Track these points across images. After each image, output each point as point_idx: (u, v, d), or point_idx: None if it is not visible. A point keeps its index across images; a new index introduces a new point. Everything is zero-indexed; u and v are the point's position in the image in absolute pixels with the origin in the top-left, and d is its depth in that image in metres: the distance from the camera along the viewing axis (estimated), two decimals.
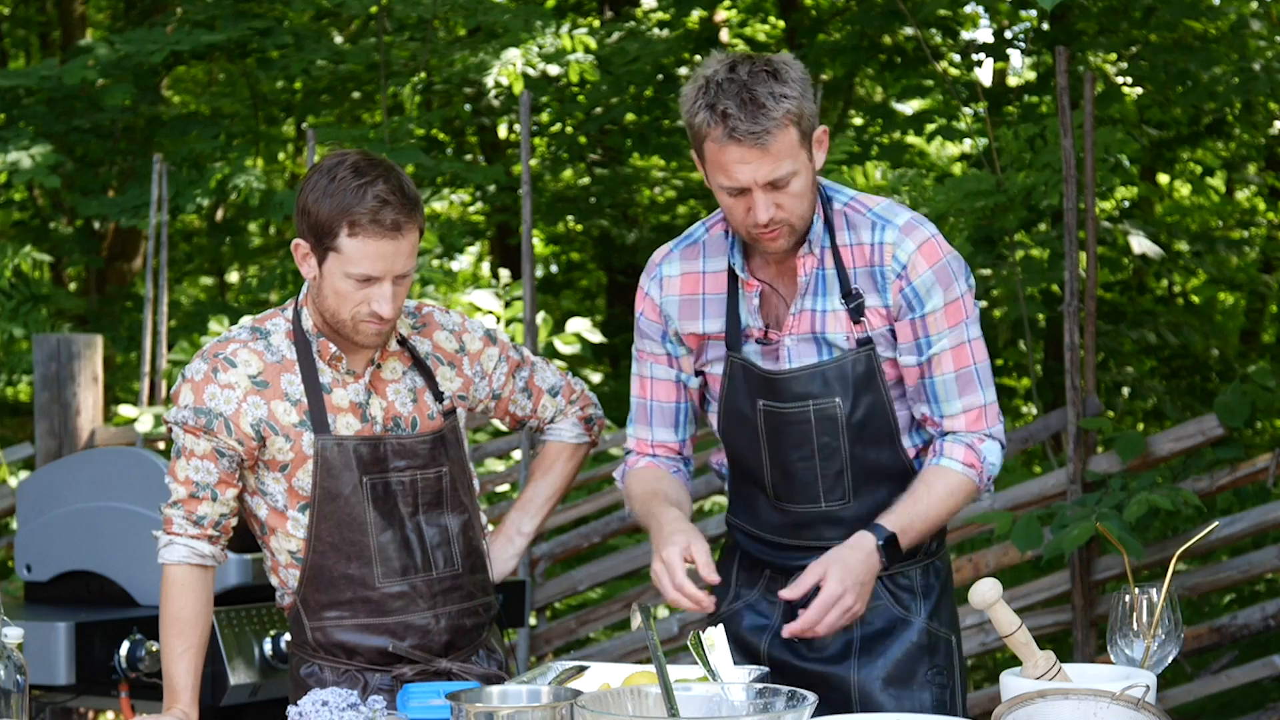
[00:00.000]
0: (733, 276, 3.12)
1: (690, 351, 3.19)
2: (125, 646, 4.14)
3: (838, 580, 2.95)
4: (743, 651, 3.17)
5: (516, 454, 6.97)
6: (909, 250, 3.03)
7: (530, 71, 9.01)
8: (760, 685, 2.55)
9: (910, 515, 3.04)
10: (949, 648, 3.20)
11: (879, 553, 3.00)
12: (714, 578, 3.00)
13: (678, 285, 3.17)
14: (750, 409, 3.11)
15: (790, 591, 2.99)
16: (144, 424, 6.90)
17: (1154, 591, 2.62)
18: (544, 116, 10.06)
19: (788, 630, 2.99)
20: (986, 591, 2.63)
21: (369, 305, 3.08)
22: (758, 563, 3.22)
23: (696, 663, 2.72)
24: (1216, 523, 2.96)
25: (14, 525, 7.10)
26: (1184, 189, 11.96)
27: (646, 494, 3.19)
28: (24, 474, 7.32)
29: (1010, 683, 2.63)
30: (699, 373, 3.22)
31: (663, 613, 7.26)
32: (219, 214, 11.39)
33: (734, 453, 3.20)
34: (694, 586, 2.97)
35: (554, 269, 12.57)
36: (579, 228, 11.35)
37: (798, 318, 3.07)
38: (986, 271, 7.62)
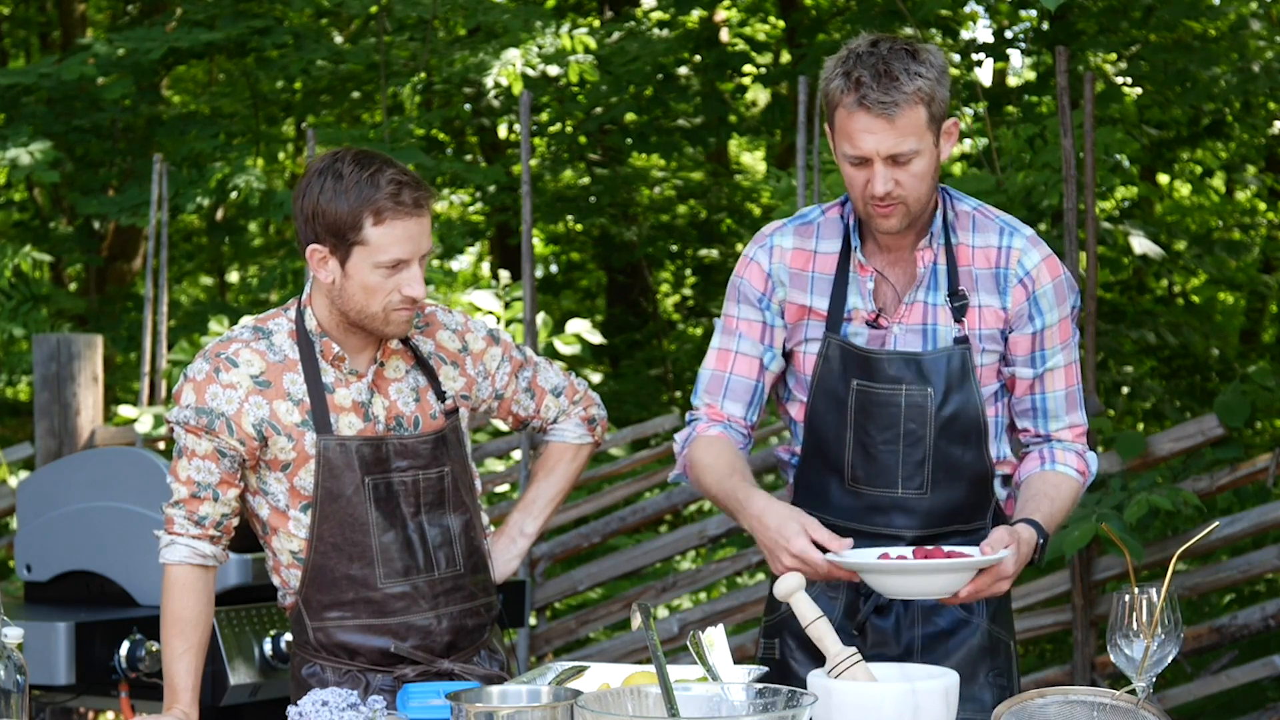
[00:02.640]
0: (843, 262, 3.15)
1: (786, 327, 3.20)
2: (125, 646, 4.14)
3: (1014, 562, 2.95)
4: (811, 653, 3.14)
5: (517, 454, 6.97)
6: (1035, 260, 3.13)
7: (529, 72, 9.01)
8: (760, 685, 2.55)
9: (1052, 516, 3.08)
10: (1008, 650, 3.22)
11: (1034, 550, 3.01)
12: (847, 543, 2.95)
13: (790, 257, 3.19)
14: (844, 389, 3.13)
15: (990, 548, 2.91)
16: (144, 424, 6.90)
17: (1154, 591, 2.62)
18: (544, 116, 10.07)
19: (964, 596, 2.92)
20: (785, 582, 2.77)
21: (400, 292, 3.09)
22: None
23: (696, 663, 2.72)
24: (1216, 523, 2.96)
25: (14, 525, 7.10)
26: (1184, 189, 11.96)
27: (725, 468, 3.14)
28: (24, 474, 7.32)
29: (815, 681, 2.65)
30: (787, 354, 3.22)
31: (663, 613, 7.26)
32: (219, 214, 11.39)
33: (815, 435, 3.20)
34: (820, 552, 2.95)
35: (554, 269, 12.57)
36: (579, 227, 11.36)
37: (910, 308, 3.13)
38: None
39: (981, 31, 10.31)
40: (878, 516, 3.16)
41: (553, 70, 9.09)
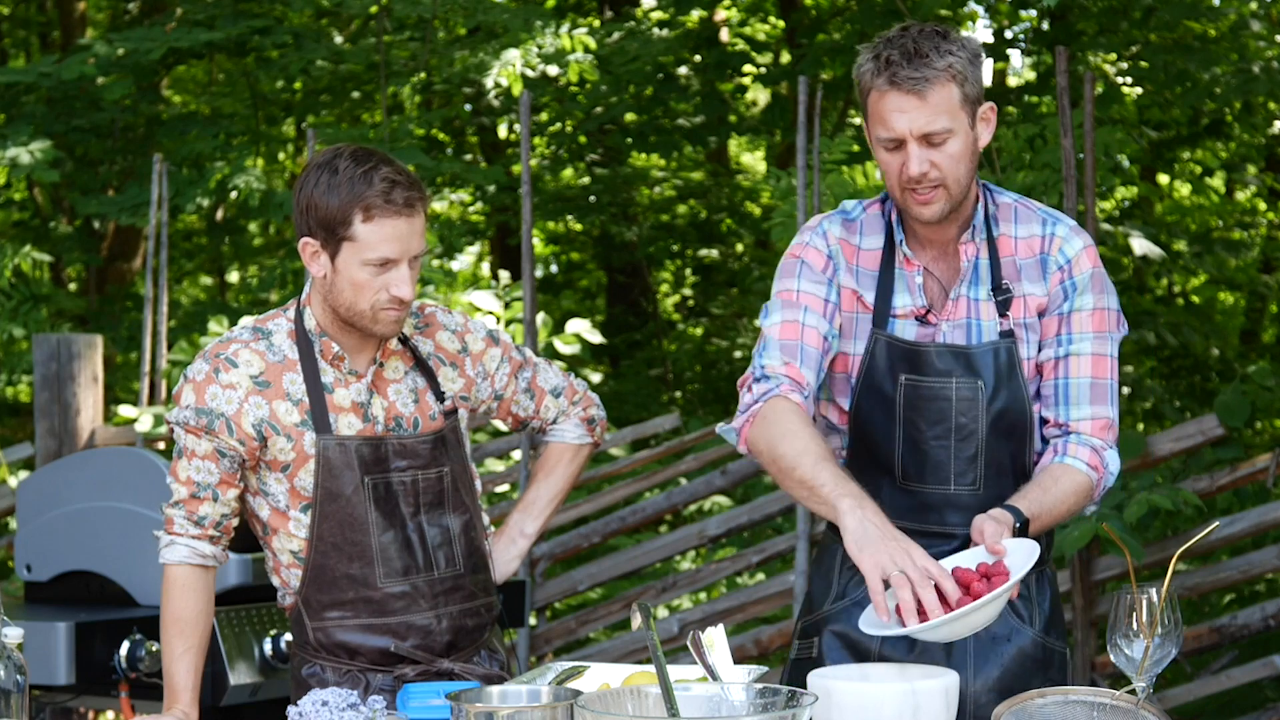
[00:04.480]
0: (887, 258, 3.12)
1: (841, 314, 3.11)
2: (125, 646, 4.14)
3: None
4: (852, 652, 3.11)
5: (516, 454, 6.97)
6: (1077, 247, 3.10)
7: (529, 72, 9.00)
8: (760, 685, 2.55)
9: (1041, 505, 2.98)
10: (1063, 661, 3.15)
11: (1011, 534, 2.91)
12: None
13: (839, 245, 3.14)
14: (891, 385, 3.08)
15: (992, 542, 2.83)
16: (144, 424, 6.90)
17: (1154, 591, 2.62)
18: (544, 116, 10.07)
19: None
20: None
21: (388, 291, 3.09)
22: None
23: (696, 663, 2.72)
24: (1216, 523, 2.95)
25: (14, 525, 7.10)
26: (1184, 189, 11.96)
27: (824, 450, 2.91)
28: (24, 474, 7.32)
29: (815, 682, 2.62)
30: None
31: (663, 613, 7.26)
32: (219, 214, 11.38)
33: (864, 434, 3.13)
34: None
35: (554, 269, 12.57)
36: (579, 227, 11.36)
37: (955, 303, 3.09)
38: None
39: (981, 31, 10.30)
40: (930, 514, 3.09)
41: (553, 70, 9.09)
